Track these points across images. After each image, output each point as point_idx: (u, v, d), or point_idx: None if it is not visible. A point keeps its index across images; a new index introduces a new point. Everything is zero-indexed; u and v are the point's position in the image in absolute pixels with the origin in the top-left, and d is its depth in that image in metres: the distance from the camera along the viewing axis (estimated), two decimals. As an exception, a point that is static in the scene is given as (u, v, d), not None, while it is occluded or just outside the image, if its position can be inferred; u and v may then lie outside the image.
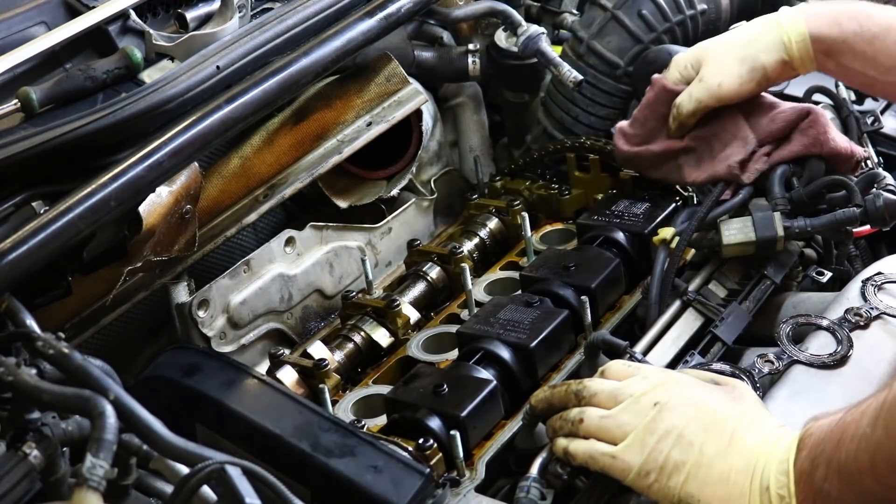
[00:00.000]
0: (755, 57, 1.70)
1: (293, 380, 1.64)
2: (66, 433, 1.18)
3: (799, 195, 1.72)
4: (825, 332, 1.54)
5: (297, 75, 1.68)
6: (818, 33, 1.67)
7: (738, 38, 1.73)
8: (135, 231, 1.53)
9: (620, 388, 1.36)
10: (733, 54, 1.71)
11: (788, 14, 1.71)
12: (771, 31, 1.70)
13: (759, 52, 1.70)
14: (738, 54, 1.70)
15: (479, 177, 2.13)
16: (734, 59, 1.70)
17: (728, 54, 1.71)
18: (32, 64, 1.62)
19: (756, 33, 1.72)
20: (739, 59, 1.70)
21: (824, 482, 1.22)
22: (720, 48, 1.73)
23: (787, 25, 1.69)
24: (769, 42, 1.70)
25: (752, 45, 1.70)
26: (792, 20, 1.69)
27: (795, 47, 1.69)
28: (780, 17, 1.71)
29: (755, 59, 1.70)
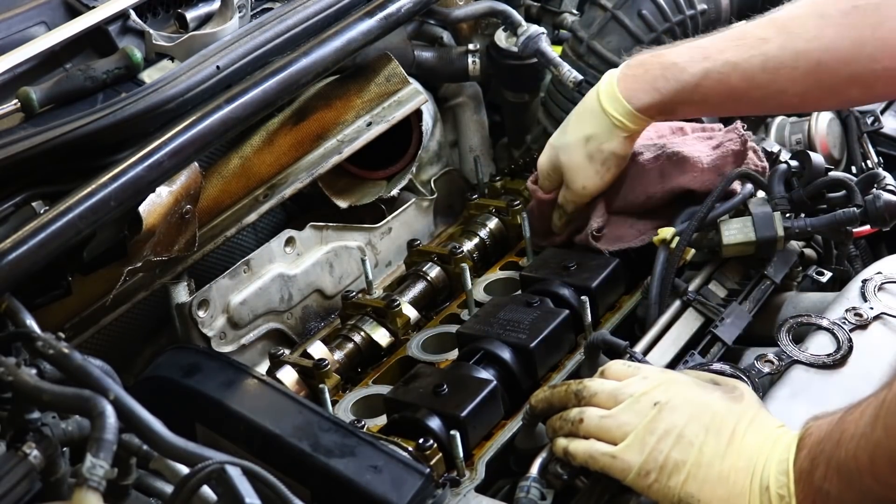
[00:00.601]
0: (599, 150, 1.74)
1: (293, 380, 1.64)
2: (66, 433, 1.18)
3: (799, 195, 1.72)
4: (825, 332, 1.54)
5: (297, 75, 1.68)
6: (641, 105, 1.70)
7: (576, 135, 1.76)
8: (135, 231, 1.53)
9: (620, 388, 1.36)
10: (579, 155, 1.76)
11: (606, 96, 1.73)
12: (600, 120, 1.73)
13: (600, 143, 1.74)
14: (583, 154, 1.75)
15: (479, 177, 2.13)
16: (583, 159, 1.75)
17: (575, 157, 1.76)
18: (32, 64, 1.62)
19: (589, 126, 1.75)
20: (588, 158, 1.75)
21: (824, 481, 1.22)
22: (568, 152, 1.77)
23: (610, 108, 1.72)
24: (603, 131, 1.73)
25: (591, 141, 1.74)
26: (612, 101, 1.72)
27: (628, 123, 1.72)
28: (601, 100, 1.73)
29: (601, 152, 1.74)
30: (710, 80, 1.66)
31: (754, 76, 1.64)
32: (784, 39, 1.63)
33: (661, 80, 1.68)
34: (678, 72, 1.67)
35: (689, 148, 1.78)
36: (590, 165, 1.75)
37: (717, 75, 1.65)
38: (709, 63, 1.66)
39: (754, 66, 1.64)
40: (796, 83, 1.64)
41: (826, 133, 2.07)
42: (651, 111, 1.71)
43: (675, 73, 1.67)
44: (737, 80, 1.65)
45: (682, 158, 1.76)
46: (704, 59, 1.66)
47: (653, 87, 1.69)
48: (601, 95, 1.73)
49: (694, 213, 1.69)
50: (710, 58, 1.66)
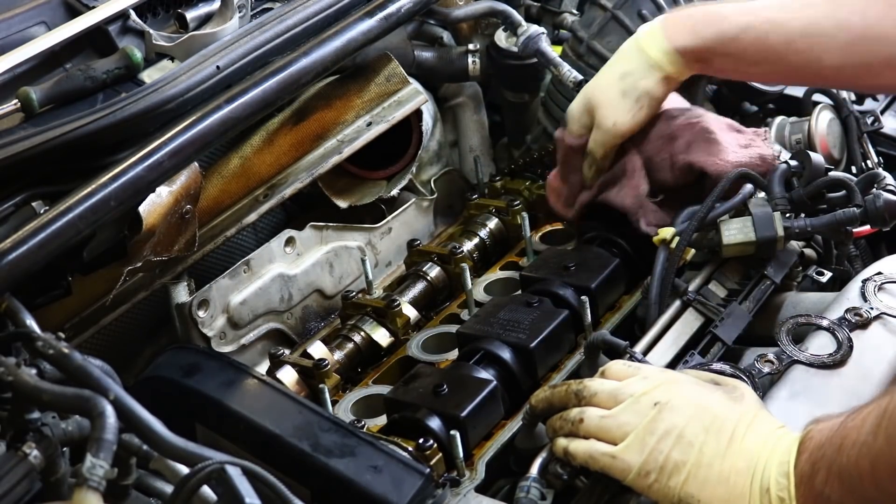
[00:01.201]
0: (634, 86, 1.75)
1: (293, 380, 1.64)
2: (66, 433, 1.18)
3: (799, 195, 1.72)
4: (825, 332, 1.54)
5: (297, 75, 1.68)
6: (681, 46, 1.72)
7: (612, 73, 1.78)
8: (135, 231, 1.53)
9: (620, 388, 1.36)
10: (614, 92, 1.76)
11: (648, 34, 1.75)
12: (638, 57, 1.75)
13: (636, 80, 1.75)
14: (618, 90, 1.76)
15: (479, 177, 2.13)
16: (617, 95, 1.76)
17: (610, 93, 1.76)
18: (32, 64, 1.62)
19: (626, 64, 1.76)
20: (622, 94, 1.76)
21: (825, 486, 1.22)
22: (602, 89, 1.78)
23: (649, 47, 1.73)
24: (641, 68, 1.74)
25: (627, 77, 1.75)
26: (653, 40, 1.74)
27: (667, 63, 1.73)
28: (640, 39, 1.75)
29: (636, 89, 1.75)
30: (749, 35, 1.68)
31: (794, 39, 1.66)
32: (830, 8, 1.65)
33: (701, 25, 1.71)
34: (720, 20, 1.70)
35: (721, 134, 1.77)
36: (623, 101, 1.75)
37: (757, 31, 1.68)
38: (751, 17, 1.69)
39: (795, 29, 1.66)
40: (833, 54, 1.65)
41: (826, 133, 2.07)
42: (689, 55, 1.72)
43: (717, 20, 1.70)
44: (776, 39, 1.67)
45: (712, 140, 1.75)
46: (748, 13, 1.69)
47: (693, 30, 1.71)
48: (641, 35, 1.75)
49: (694, 213, 1.69)
50: (753, 13, 1.69)
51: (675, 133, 1.78)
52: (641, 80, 1.74)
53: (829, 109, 2.12)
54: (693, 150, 1.75)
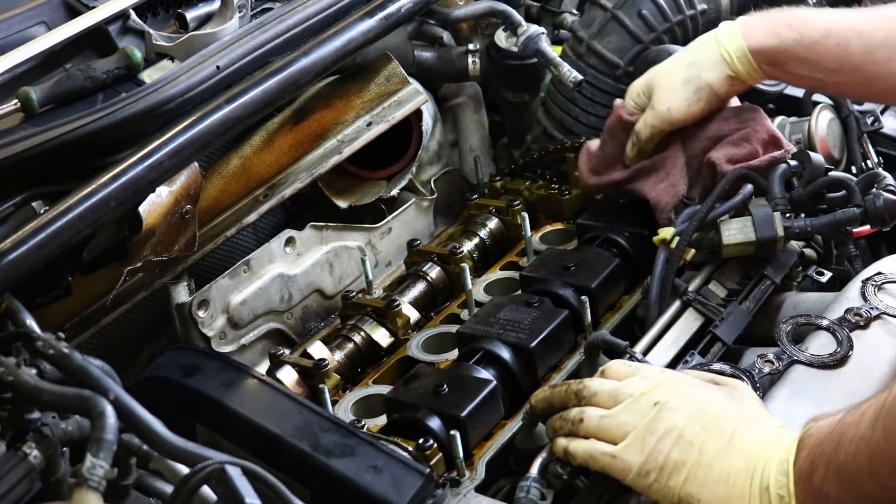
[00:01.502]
0: (699, 77, 1.74)
1: (293, 380, 1.64)
2: (66, 433, 1.18)
3: (799, 195, 1.72)
4: (825, 332, 1.54)
5: (297, 75, 1.68)
6: (758, 46, 1.71)
7: (681, 60, 1.77)
8: (135, 231, 1.53)
9: (620, 387, 1.36)
10: (678, 77, 1.75)
11: (726, 30, 1.74)
12: (711, 50, 1.74)
13: (701, 71, 1.74)
14: (682, 77, 1.75)
15: (479, 177, 2.13)
16: (679, 81, 1.75)
17: (673, 78, 1.76)
18: (32, 64, 1.62)
19: (697, 54, 1.76)
20: (684, 81, 1.75)
21: (823, 483, 1.22)
22: (666, 73, 1.78)
23: (725, 42, 1.73)
24: (710, 60, 1.74)
25: (694, 66, 1.75)
26: (730, 36, 1.73)
27: (737, 62, 1.73)
28: (718, 33, 1.75)
29: (699, 79, 1.74)
30: (830, 40, 1.67)
31: (874, 50, 1.65)
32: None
33: (783, 26, 1.70)
34: (802, 23, 1.69)
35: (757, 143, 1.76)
36: (682, 89, 1.75)
37: (838, 38, 1.66)
38: (833, 25, 1.67)
39: (876, 40, 1.65)
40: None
41: (826, 133, 2.07)
42: (763, 56, 1.71)
43: (799, 23, 1.69)
44: (856, 47, 1.66)
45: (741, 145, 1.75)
46: (830, 20, 1.68)
47: (774, 30, 1.70)
48: (721, 30, 1.74)
49: (694, 213, 1.69)
50: (836, 20, 1.68)
51: (723, 133, 1.77)
52: (707, 72, 1.73)
53: (829, 109, 2.12)
54: (720, 149, 1.75)
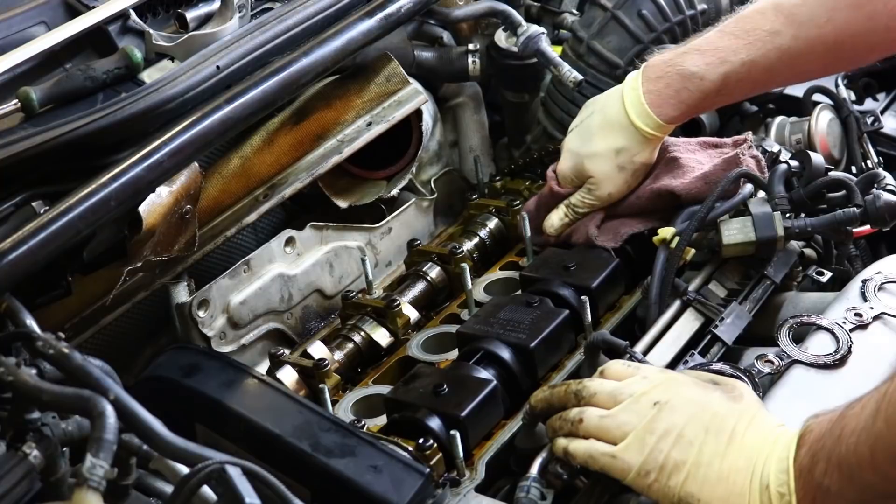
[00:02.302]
0: (631, 161, 1.78)
1: (293, 380, 1.64)
2: (66, 433, 1.18)
3: (799, 195, 1.72)
4: (825, 332, 1.54)
5: (297, 75, 1.68)
6: (669, 117, 1.74)
7: (607, 147, 1.78)
8: (135, 231, 1.53)
9: (620, 387, 1.36)
10: (610, 166, 1.78)
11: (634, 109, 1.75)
12: (632, 133, 1.76)
13: (633, 156, 1.77)
14: (614, 165, 1.78)
15: (479, 177, 2.13)
16: (613, 170, 1.78)
17: (606, 169, 1.78)
18: (32, 64, 1.62)
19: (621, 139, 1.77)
20: (619, 169, 1.78)
21: (824, 477, 1.22)
22: (597, 163, 1.79)
23: (640, 123, 1.75)
24: (636, 144, 1.76)
25: (623, 153, 1.77)
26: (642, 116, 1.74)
27: (659, 133, 1.76)
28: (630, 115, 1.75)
29: (633, 164, 1.78)
30: (731, 82, 1.70)
31: (773, 68, 1.68)
32: (795, 30, 1.66)
33: (684, 91, 1.72)
34: (698, 81, 1.71)
35: (688, 155, 1.80)
36: (619, 175, 1.78)
37: (737, 76, 1.70)
38: (726, 67, 1.69)
39: (771, 60, 1.68)
40: (816, 63, 1.69)
41: (826, 133, 2.08)
42: (679, 119, 1.76)
43: (696, 83, 1.71)
44: (757, 75, 1.70)
45: (677, 164, 1.78)
46: (721, 63, 1.70)
47: (678, 100, 1.73)
48: (629, 111, 1.75)
49: (694, 213, 1.69)
50: (726, 61, 1.69)
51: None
52: (637, 156, 1.77)
53: (829, 109, 2.12)
54: (658, 178, 1.78)
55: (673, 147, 1.82)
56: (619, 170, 1.77)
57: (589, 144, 1.80)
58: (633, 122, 1.75)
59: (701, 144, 1.84)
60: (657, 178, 1.78)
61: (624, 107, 1.76)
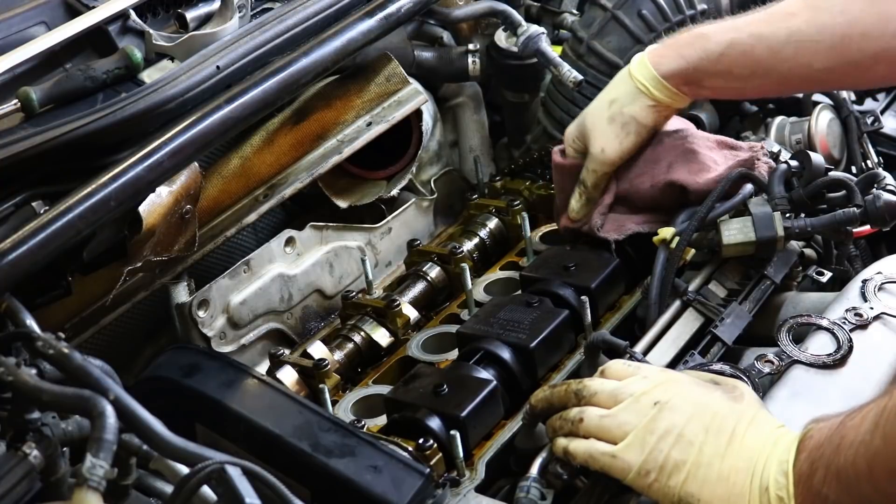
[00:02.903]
0: (621, 112, 1.76)
1: (293, 380, 1.64)
2: (66, 433, 1.18)
3: (799, 195, 1.72)
4: (825, 332, 1.54)
5: (297, 75, 1.68)
6: (668, 71, 1.73)
7: (603, 99, 1.79)
8: (135, 231, 1.53)
9: (620, 387, 1.36)
10: (603, 118, 1.77)
11: (636, 62, 1.77)
12: (626, 84, 1.76)
13: (622, 106, 1.76)
14: (606, 116, 1.77)
15: (479, 177, 2.13)
16: (605, 122, 1.77)
17: (598, 121, 1.77)
18: (32, 64, 1.62)
19: (616, 90, 1.78)
20: (609, 120, 1.77)
21: (823, 486, 1.22)
22: (593, 116, 1.79)
23: (637, 74, 1.75)
24: (628, 94, 1.76)
25: (615, 103, 1.77)
26: (640, 67, 1.75)
27: (654, 90, 1.74)
28: (631, 67, 1.77)
29: (622, 115, 1.76)
30: (734, 51, 1.69)
31: (779, 49, 1.67)
32: (811, 14, 1.66)
33: (687, 48, 1.72)
34: (704, 41, 1.71)
35: (706, 151, 1.78)
36: (609, 128, 1.76)
37: (742, 46, 1.69)
38: (735, 34, 1.70)
39: (779, 39, 1.67)
40: (821, 57, 1.67)
41: (826, 133, 2.08)
42: (676, 79, 1.73)
43: (701, 41, 1.71)
44: (761, 52, 1.68)
45: (695, 158, 1.76)
46: (731, 30, 1.71)
47: (679, 54, 1.72)
48: (632, 63, 1.77)
49: (694, 213, 1.69)
50: (736, 29, 1.70)
51: (659, 156, 1.78)
52: (627, 107, 1.76)
53: (829, 109, 2.12)
54: (674, 169, 1.76)
55: (692, 139, 1.79)
56: (609, 121, 1.76)
57: (594, 101, 1.82)
58: (630, 72, 1.75)
59: (718, 143, 1.82)
60: (673, 169, 1.75)
61: (630, 63, 1.77)
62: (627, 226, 1.78)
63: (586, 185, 1.80)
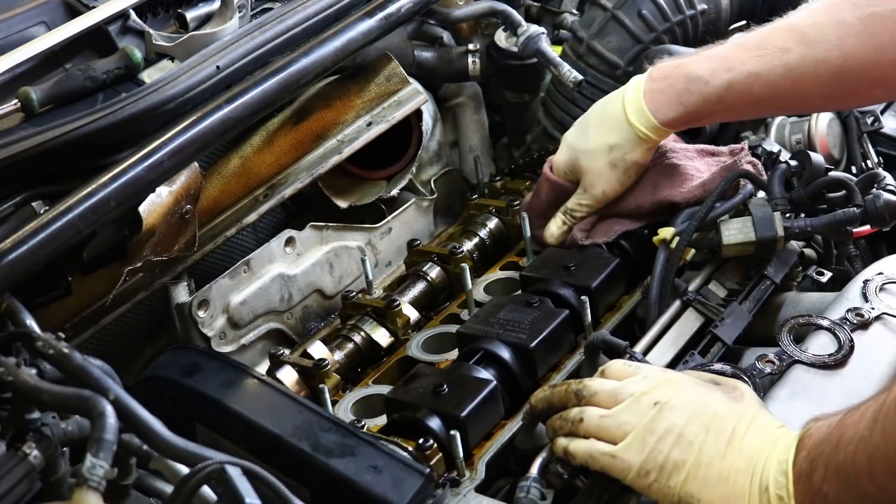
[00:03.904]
0: (623, 159, 1.76)
1: (293, 380, 1.64)
2: (66, 433, 1.18)
3: (799, 195, 1.72)
4: (826, 332, 1.54)
5: (297, 75, 1.68)
6: (667, 119, 1.73)
7: (600, 144, 1.78)
8: (135, 231, 1.53)
9: (620, 387, 1.36)
10: (602, 163, 1.77)
11: (632, 106, 1.74)
12: (625, 130, 1.75)
13: (624, 153, 1.76)
14: (606, 161, 1.77)
15: (479, 177, 2.13)
16: (605, 166, 1.77)
17: (599, 165, 1.78)
18: (32, 64, 1.62)
19: (614, 136, 1.76)
20: (611, 166, 1.77)
21: (822, 483, 1.22)
22: (590, 158, 1.79)
23: (637, 122, 1.74)
24: (628, 142, 1.75)
25: (616, 150, 1.76)
26: (639, 115, 1.74)
27: (653, 135, 1.74)
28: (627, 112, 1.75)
29: (625, 161, 1.77)
30: (733, 92, 1.68)
31: (777, 84, 1.66)
32: (805, 49, 1.65)
33: (685, 93, 1.70)
34: (702, 85, 1.69)
35: (687, 162, 1.80)
36: (612, 173, 1.77)
37: (741, 86, 1.68)
38: (732, 74, 1.68)
39: (776, 76, 1.66)
40: (819, 88, 1.67)
41: (826, 133, 2.07)
42: (676, 124, 1.74)
43: (699, 86, 1.69)
44: (759, 89, 1.67)
45: (676, 172, 1.78)
46: (727, 70, 1.68)
47: (678, 100, 1.71)
48: (627, 107, 1.75)
49: (694, 213, 1.69)
50: (732, 69, 1.68)
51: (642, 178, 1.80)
52: (629, 154, 1.76)
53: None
54: (659, 188, 1.78)
55: (672, 154, 1.82)
56: (611, 167, 1.77)
57: (584, 139, 1.80)
58: (629, 120, 1.74)
59: (699, 152, 1.84)
60: (657, 188, 1.78)
61: (623, 104, 1.75)
62: (616, 228, 1.79)
63: (573, 216, 1.82)
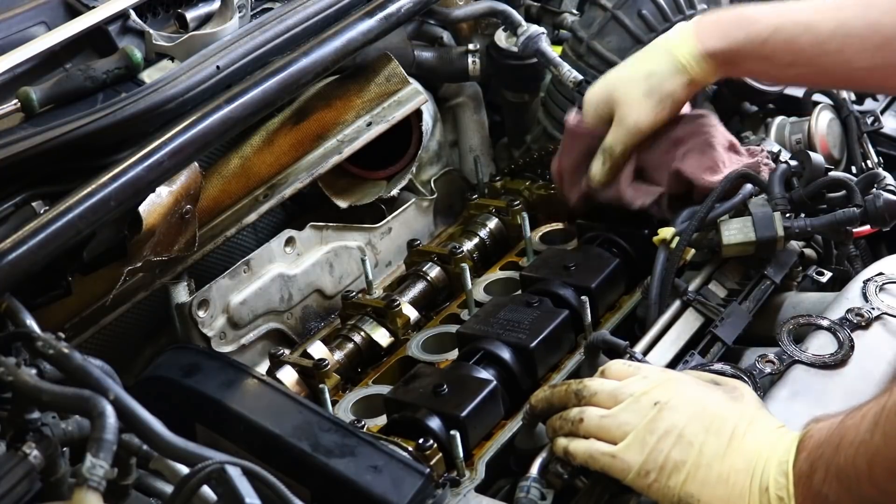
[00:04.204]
0: (660, 87, 1.74)
1: (293, 380, 1.64)
2: (66, 433, 1.18)
3: (799, 195, 1.72)
4: (826, 332, 1.54)
5: (297, 75, 1.68)
6: (711, 49, 1.71)
7: (638, 70, 1.76)
8: (135, 231, 1.53)
9: (620, 387, 1.36)
10: (639, 90, 1.75)
11: (679, 35, 1.74)
12: (667, 58, 1.74)
13: (662, 81, 1.74)
14: (642, 89, 1.74)
15: (479, 177, 2.13)
16: (641, 94, 1.74)
17: (634, 91, 1.75)
18: (32, 64, 1.62)
19: (654, 62, 1.75)
20: (646, 94, 1.74)
21: (823, 485, 1.22)
22: (625, 86, 1.77)
23: (679, 48, 1.73)
24: (669, 70, 1.73)
25: (653, 77, 1.74)
26: (683, 41, 1.73)
27: (694, 66, 1.73)
28: (671, 40, 1.74)
29: (660, 90, 1.74)
30: (779, 37, 1.67)
31: (825, 41, 1.65)
32: (861, 10, 1.64)
33: (733, 27, 1.70)
34: (750, 22, 1.69)
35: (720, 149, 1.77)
36: (646, 101, 1.74)
37: (787, 34, 1.67)
38: (782, 19, 1.68)
39: (825, 31, 1.65)
40: (865, 56, 1.64)
41: (826, 133, 2.08)
42: (718, 58, 1.71)
43: (748, 23, 1.69)
44: (806, 42, 1.66)
45: (708, 154, 1.75)
46: (778, 15, 1.68)
47: (724, 33, 1.70)
48: (672, 35, 1.74)
49: (694, 213, 1.69)
50: (784, 15, 1.68)
51: (680, 138, 1.77)
52: (667, 82, 1.73)
53: (829, 109, 2.12)
54: (688, 159, 1.75)
55: (713, 132, 1.78)
56: (646, 95, 1.73)
57: (623, 68, 1.79)
58: (671, 44, 1.73)
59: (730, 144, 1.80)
60: (687, 158, 1.74)
61: (667, 35, 1.75)
62: (652, 189, 1.77)
63: (612, 153, 1.78)
